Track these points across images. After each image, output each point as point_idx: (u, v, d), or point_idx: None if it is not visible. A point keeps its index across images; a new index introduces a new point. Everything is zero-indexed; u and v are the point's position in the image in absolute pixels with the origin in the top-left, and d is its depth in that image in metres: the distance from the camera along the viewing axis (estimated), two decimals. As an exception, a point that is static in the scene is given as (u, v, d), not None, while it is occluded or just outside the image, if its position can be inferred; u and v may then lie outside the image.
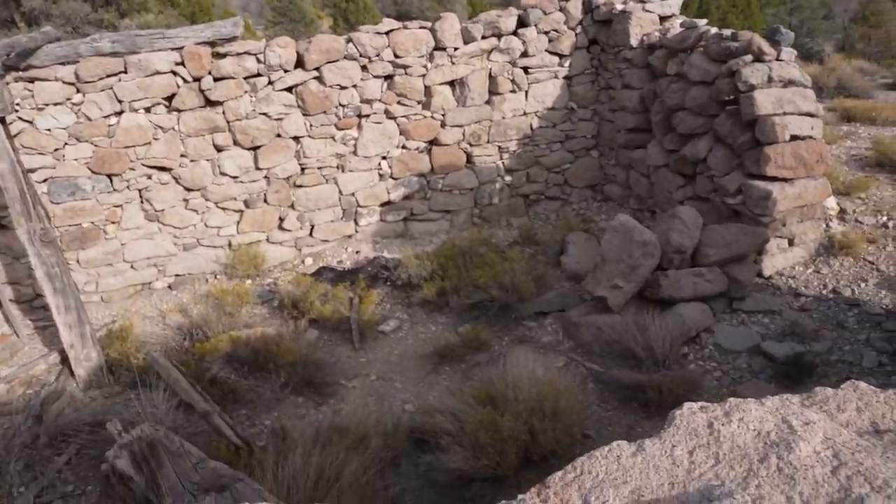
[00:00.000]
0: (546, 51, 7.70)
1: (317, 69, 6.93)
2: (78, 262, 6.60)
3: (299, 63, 6.89)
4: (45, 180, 6.33)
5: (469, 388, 4.63)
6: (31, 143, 6.17)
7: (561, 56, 7.79)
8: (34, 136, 6.19)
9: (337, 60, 6.96)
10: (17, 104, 6.04)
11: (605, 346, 5.34)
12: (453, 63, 7.39)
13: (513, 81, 7.67)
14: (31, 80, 6.15)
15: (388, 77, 7.26)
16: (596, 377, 5.07)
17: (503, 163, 7.96)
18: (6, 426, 4.94)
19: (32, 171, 6.16)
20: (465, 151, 7.76)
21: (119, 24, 17.33)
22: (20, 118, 6.11)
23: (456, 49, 7.33)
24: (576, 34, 7.76)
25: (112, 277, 6.83)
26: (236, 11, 21.52)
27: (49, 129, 6.26)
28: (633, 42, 7.24)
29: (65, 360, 5.61)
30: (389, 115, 7.37)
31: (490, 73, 7.58)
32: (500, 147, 7.88)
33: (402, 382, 5.31)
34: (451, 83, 7.51)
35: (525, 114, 7.84)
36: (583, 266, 6.33)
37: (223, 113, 6.73)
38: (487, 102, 7.68)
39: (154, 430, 4.14)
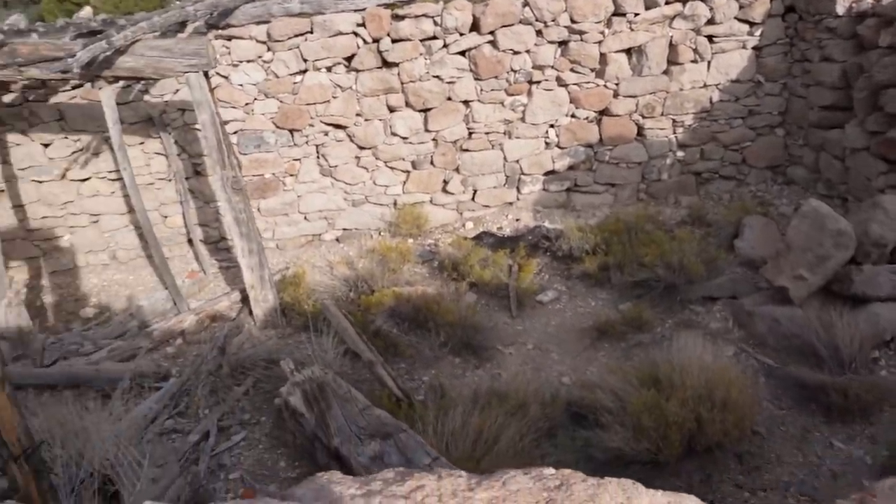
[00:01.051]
0: (735, 18, 7.13)
1: (491, 33, 6.88)
2: (258, 210, 7.08)
3: (474, 26, 6.87)
4: (235, 132, 6.81)
5: (630, 368, 4.49)
6: (225, 97, 6.65)
7: (752, 24, 7.19)
8: (229, 90, 6.66)
9: (512, 25, 6.87)
10: (217, 60, 6.51)
11: (782, 339, 4.96)
12: (632, 30, 7.05)
13: (695, 51, 7.21)
14: (229, 38, 6.59)
15: (563, 43, 7.07)
16: (768, 372, 4.73)
17: (676, 137, 7.55)
18: (195, 353, 5.45)
19: (225, 123, 6.63)
20: (636, 123, 7.44)
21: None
22: (218, 73, 6.58)
23: (636, 15, 6.98)
24: (770, 0, 7.13)
25: (287, 227, 7.28)
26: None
27: (241, 85, 6.72)
28: (840, 9, 6.53)
29: (245, 300, 6.07)
30: (561, 82, 7.19)
31: (670, 42, 7.17)
32: (674, 120, 7.47)
33: (559, 354, 5.25)
34: (628, 51, 7.18)
35: (705, 86, 7.36)
36: (759, 252, 5.89)
37: (398, 74, 6.87)
38: (665, 72, 7.28)
39: (324, 372, 4.39)
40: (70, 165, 6.83)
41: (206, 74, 5.35)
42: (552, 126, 7.37)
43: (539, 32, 6.96)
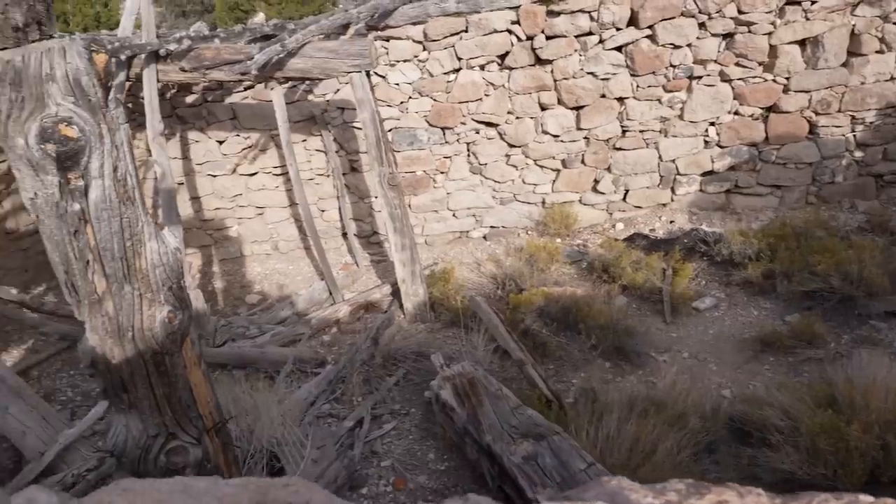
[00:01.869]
0: (931, 3, 6.42)
1: (650, 27, 6.62)
2: (409, 206, 7.26)
3: (632, 21, 6.64)
4: (390, 130, 7.03)
5: (802, 385, 4.15)
6: (382, 96, 6.87)
7: (951, 9, 6.44)
8: (385, 89, 6.88)
9: (673, 18, 6.57)
10: (377, 60, 6.74)
11: (984, 364, 4.38)
12: (807, 19, 6.52)
13: (881, 40, 6.55)
14: (387, 39, 6.80)
15: (728, 35, 6.67)
16: (968, 399, 4.20)
17: (855, 136, 6.91)
18: (349, 342, 5.68)
19: (382, 121, 6.86)
20: (808, 120, 6.88)
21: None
22: (376, 73, 6.81)
23: (813, 3, 6.45)
24: (976, -18, 6.34)
25: (436, 223, 7.41)
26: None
27: (398, 84, 6.91)
28: None
29: (395, 293, 6.24)
30: (724, 77, 6.80)
31: (852, 31, 6.56)
32: (853, 117, 6.83)
33: (718, 365, 4.96)
34: (802, 42, 6.65)
35: (892, 79, 6.67)
36: (955, 264, 5.27)
37: (551, 72, 6.79)
38: (844, 65, 6.67)
39: (474, 368, 4.42)
40: (240, 161, 7.34)
41: (367, 74, 5.54)
42: (713, 124, 6.99)
43: (702, 25, 6.61)
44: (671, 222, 7.08)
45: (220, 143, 7.27)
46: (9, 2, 1.79)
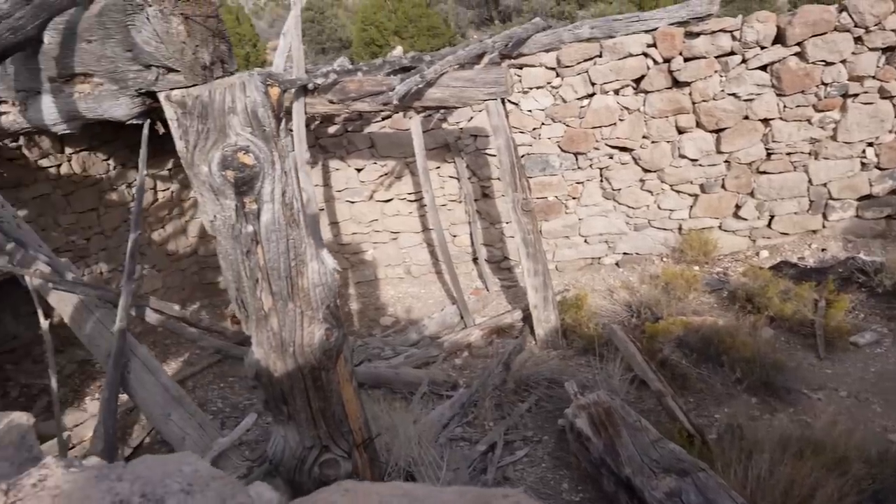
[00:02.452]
0: None
1: (798, 44, 6.27)
2: (540, 232, 7.23)
3: (778, 38, 6.32)
4: (522, 156, 7.06)
5: None
6: (515, 122, 6.93)
7: None
8: (518, 116, 6.94)
9: (824, 33, 6.18)
10: (512, 88, 6.82)
11: None
12: (984, 28, 5.93)
13: None
14: (521, 67, 6.87)
15: (888, 49, 6.18)
16: None
17: None
18: (481, 366, 5.70)
19: (516, 147, 6.91)
20: None
21: (577, 15, 18.51)
22: (509, 100, 6.89)
23: None
24: None
25: (567, 249, 7.34)
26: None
27: (530, 111, 6.95)
28: None
29: (526, 318, 6.22)
30: (884, 93, 6.29)
31: None
32: None
33: (883, 407, 4.53)
34: (977, 54, 6.06)
35: None
36: None
37: (689, 94, 6.58)
38: None
39: (610, 398, 4.30)
40: (377, 188, 7.64)
41: (503, 101, 5.61)
42: (870, 144, 6.48)
43: (858, 39, 6.18)
44: (822, 250, 6.59)
45: (359, 170, 7.60)
46: (199, 43, 1.97)
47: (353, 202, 7.77)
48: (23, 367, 6.83)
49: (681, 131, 6.74)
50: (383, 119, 7.37)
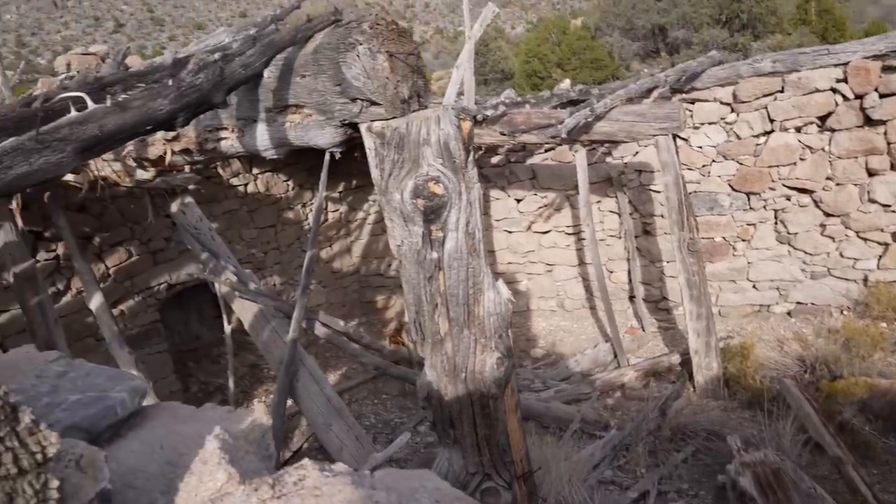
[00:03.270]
0: None
1: None
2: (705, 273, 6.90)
3: None
4: (689, 193, 6.78)
5: None
6: (683, 158, 6.66)
7: None
8: (687, 152, 6.70)
9: None
10: (685, 123, 6.62)
11: None
12: None
13: None
14: (692, 101, 6.65)
15: None
16: None
17: None
18: (634, 409, 5.50)
19: (685, 184, 6.67)
20: None
21: (751, 48, 17.64)
22: (678, 136, 6.67)
23: None
24: None
25: (732, 294, 6.93)
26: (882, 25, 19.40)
27: (700, 147, 6.69)
28: None
29: (684, 363, 5.93)
30: None
31: None
32: None
33: None
34: None
35: None
36: None
37: (884, 133, 6.03)
38: None
39: (779, 459, 3.98)
40: (535, 219, 7.66)
41: (673, 137, 5.45)
42: None
43: None
44: None
45: (519, 201, 7.67)
46: (400, 79, 2.10)
47: (510, 232, 7.84)
48: (202, 366, 7.49)
49: (871, 173, 6.18)
50: (546, 151, 7.40)
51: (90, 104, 1.64)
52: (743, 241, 6.78)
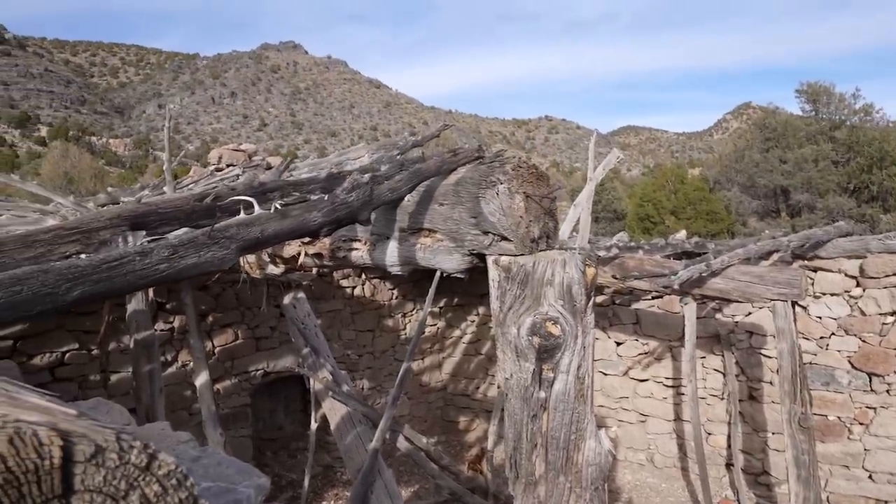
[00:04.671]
0: None
1: None
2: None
3: None
4: (803, 364, 6.43)
5: None
6: (800, 327, 6.37)
7: None
8: (805, 321, 6.40)
9: None
10: (806, 291, 6.38)
11: None
12: None
13: None
14: (815, 270, 6.42)
15: None
16: None
17: None
18: None
19: (801, 354, 6.34)
20: None
21: (880, 220, 17.00)
22: (797, 303, 6.42)
23: None
24: None
25: (844, 481, 6.34)
26: None
27: (819, 317, 6.38)
28: None
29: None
30: None
31: None
32: None
33: None
34: None
35: None
36: None
37: None
38: None
39: None
40: (633, 365, 7.44)
41: (792, 304, 5.25)
42: None
43: None
44: None
45: (618, 344, 7.51)
46: (532, 219, 2.19)
47: (605, 374, 7.63)
48: (279, 458, 7.54)
49: None
50: (653, 298, 7.28)
51: (257, 208, 1.83)
52: (860, 424, 6.27)
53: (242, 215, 1.76)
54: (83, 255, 1.68)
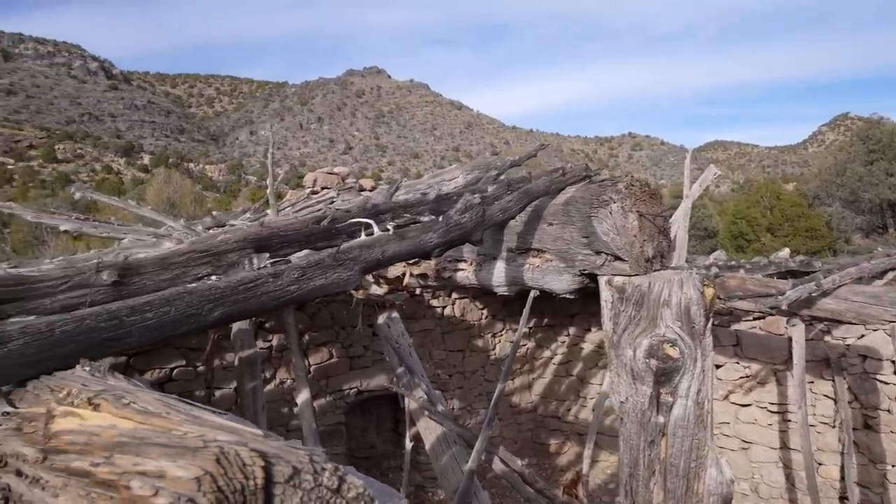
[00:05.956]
0: None
1: None
2: (939, 488, 5.91)
3: None
4: (925, 391, 5.98)
5: None
6: (920, 351, 5.95)
7: None
8: (926, 344, 5.96)
9: None
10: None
11: None
12: None
13: None
14: (936, 289, 5.98)
15: None
16: None
17: None
18: None
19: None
20: None
21: None
22: (916, 325, 5.99)
23: None
24: None
25: (976, 520, 5.83)
26: None
27: (943, 341, 5.93)
28: None
29: None
30: None
31: None
32: None
33: None
34: None
35: None
36: None
37: None
38: None
39: None
40: (734, 389, 7.11)
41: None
42: None
43: None
44: None
45: (718, 367, 7.20)
46: (646, 238, 2.14)
47: (704, 398, 7.33)
48: (371, 476, 7.61)
49: None
50: (754, 318, 6.96)
51: (376, 230, 1.87)
52: None
53: (363, 237, 1.81)
54: (213, 277, 1.75)
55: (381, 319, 5.87)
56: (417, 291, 7.35)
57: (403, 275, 4.63)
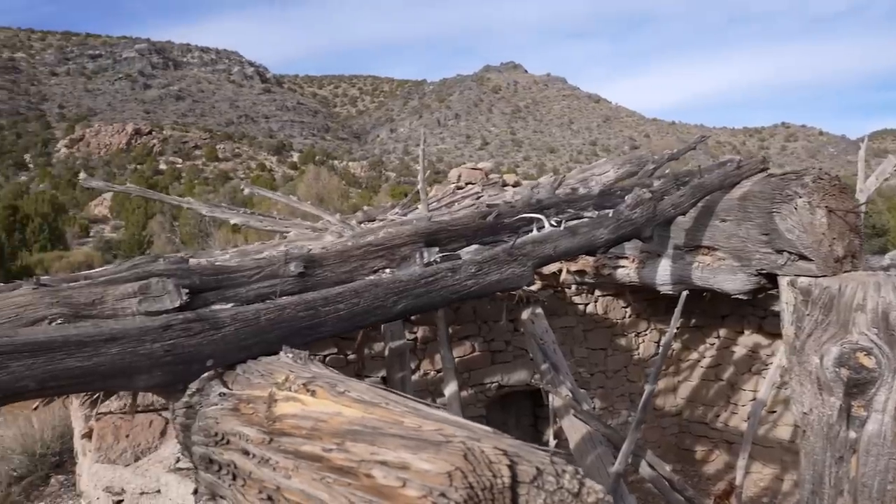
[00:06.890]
0: None
1: None
2: None
3: None
4: None
5: None
6: None
7: None
8: None
9: None
10: None
11: None
12: None
13: None
14: None
15: None
16: None
17: None
18: None
19: None
20: None
21: None
22: None
23: None
24: None
25: None
26: None
27: None
28: None
29: None
30: None
31: None
32: None
33: None
34: None
35: None
36: None
37: None
38: None
39: None
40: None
41: None
42: None
43: None
44: None
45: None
46: (836, 236, 1.97)
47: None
48: (510, 471, 7.63)
49: None
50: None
51: (547, 225, 1.86)
52: None
53: (535, 232, 1.80)
54: (387, 270, 1.81)
55: (524, 315, 5.84)
56: (572, 288, 7.27)
57: (560, 271, 4.57)
